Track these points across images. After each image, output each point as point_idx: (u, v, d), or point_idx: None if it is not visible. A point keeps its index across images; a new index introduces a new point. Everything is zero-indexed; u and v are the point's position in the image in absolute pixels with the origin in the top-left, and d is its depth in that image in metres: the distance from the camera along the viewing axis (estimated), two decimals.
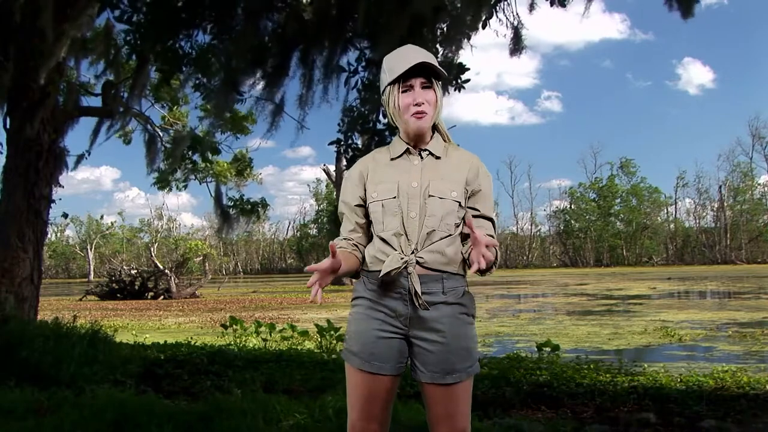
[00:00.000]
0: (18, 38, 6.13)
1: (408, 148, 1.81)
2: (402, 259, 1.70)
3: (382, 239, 1.75)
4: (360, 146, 5.50)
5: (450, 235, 1.75)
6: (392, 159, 1.82)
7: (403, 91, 1.75)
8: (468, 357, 1.74)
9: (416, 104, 1.74)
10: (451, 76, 5.30)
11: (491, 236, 1.79)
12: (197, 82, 6.62)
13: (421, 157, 1.80)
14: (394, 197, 1.75)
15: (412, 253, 1.72)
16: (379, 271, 1.72)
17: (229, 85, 6.10)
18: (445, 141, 1.85)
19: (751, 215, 61.13)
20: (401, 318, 1.73)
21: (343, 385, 1.85)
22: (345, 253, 1.77)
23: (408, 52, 1.77)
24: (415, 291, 1.69)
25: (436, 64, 1.76)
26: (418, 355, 1.74)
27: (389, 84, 1.78)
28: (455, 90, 5.46)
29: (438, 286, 1.73)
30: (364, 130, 5.53)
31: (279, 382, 4.74)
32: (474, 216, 1.81)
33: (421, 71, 1.74)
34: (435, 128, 1.84)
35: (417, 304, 1.70)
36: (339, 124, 5.56)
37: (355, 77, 5.72)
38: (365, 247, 1.84)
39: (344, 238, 1.85)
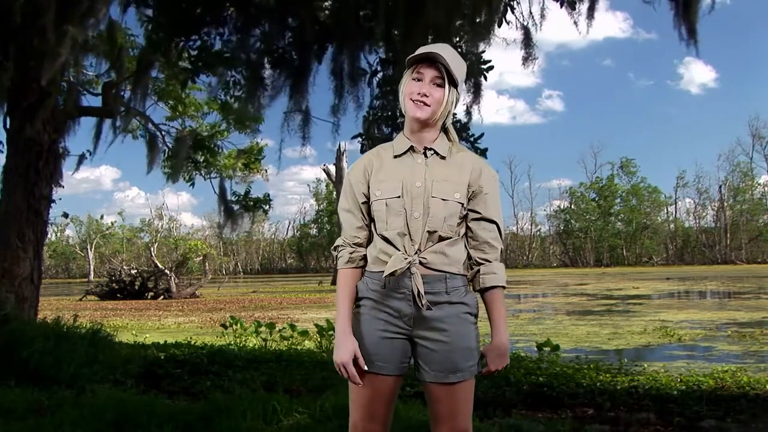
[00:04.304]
0: (18, 38, 6.13)
1: (412, 146, 1.80)
2: (405, 259, 1.70)
3: (385, 239, 1.75)
4: (382, 140, 5.61)
5: (453, 236, 1.75)
6: (395, 156, 1.81)
7: (413, 79, 1.77)
8: (471, 356, 1.74)
9: (420, 93, 1.74)
10: (474, 66, 5.36)
11: (491, 242, 1.80)
12: (229, 79, 6.56)
13: (426, 156, 1.79)
14: (399, 196, 1.74)
15: (416, 253, 1.72)
16: (382, 271, 1.72)
17: (257, 81, 6.14)
18: (449, 141, 1.84)
19: (751, 215, 61.05)
20: (405, 318, 1.73)
21: (344, 384, 1.85)
22: (352, 286, 1.80)
23: (434, 46, 1.78)
24: (419, 291, 1.69)
25: (452, 67, 1.75)
26: (421, 355, 1.75)
27: (405, 69, 1.80)
28: (479, 76, 5.51)
29: (441, 286, 1.73)
30: (386, 124, 5.64)
31: (279, 382, 4.74)
32: (475, 219, 1.80)
33: (436, 68, 1.75)
34: (443, 130, 1.83)
35: (420, 304, 1.69)
36: (364, 117, 5.73)
37: (375, 77, 5.85)
38: (367, 246, 1.83)
39: (351, 243, 1.82)
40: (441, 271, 1.73)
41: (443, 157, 1.79)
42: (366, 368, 1.72)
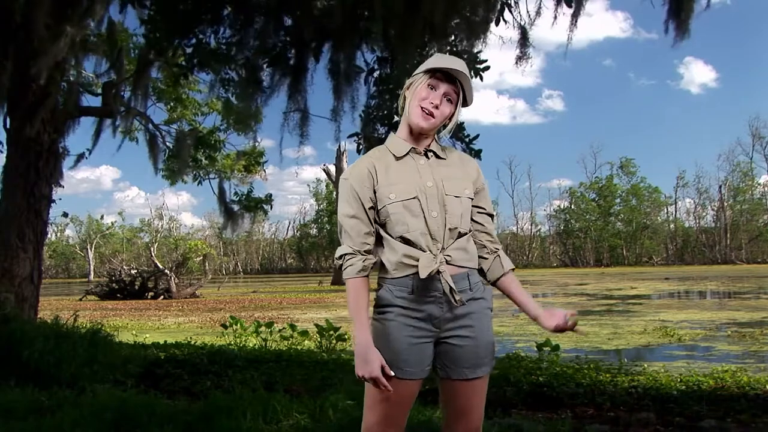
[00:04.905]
0: (18, 38, 6.13)
1: (413, 147, 1.82)
2: (434, 258, 1.71)
3: (407, 241, 1.73)
4: (378, 139, 5.60)
5: (468, 231, 1.81)
6: (397, 158, 1.81)
7: (428, 86, 1.78)
8: (492, 350, 1.79)
9: (432, 103, 1.76)
10: (471, 66, 5.37)
11: (491, 235, 1.87)
12: (225, 77, 6.55)
13: (427, 157, 1.82)
14: (415, 197, 1.74)
15: (440, 252, 1.73)
16: (407, 276, 1.72)
17: (252, 81, 6.15)
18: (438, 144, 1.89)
19: (751, 215, 61.02)
20: (434, 321, 1.74)
21: (344, 385, 1.85)
22: (367, 296, 1.76)
23: (456, 61, 1.80)
24: (451, 288, 1.69)
25: (470, 91, 1.80)
26: (447, 354, 1.76)
27: (422, 72, 1.79)
28: (475, 76, 5.52)
29: (465, 283, 1.76)
30: (382, 123, 5.66)
31: (279, 382, 4.74)
32: (480, 213, 1.87)
33: (452, 84, 1.78)
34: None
35: (454, 301, 1.70)
36: (360, 116, 5.74)
37: (371, 75, 5.87)
38: (375, 253, 1.81)
39: (361, 251, 1.76)
40: (464, 267, 1.76)
41: (442, 158, 1.84)
42: (392, 374, 1.68)
